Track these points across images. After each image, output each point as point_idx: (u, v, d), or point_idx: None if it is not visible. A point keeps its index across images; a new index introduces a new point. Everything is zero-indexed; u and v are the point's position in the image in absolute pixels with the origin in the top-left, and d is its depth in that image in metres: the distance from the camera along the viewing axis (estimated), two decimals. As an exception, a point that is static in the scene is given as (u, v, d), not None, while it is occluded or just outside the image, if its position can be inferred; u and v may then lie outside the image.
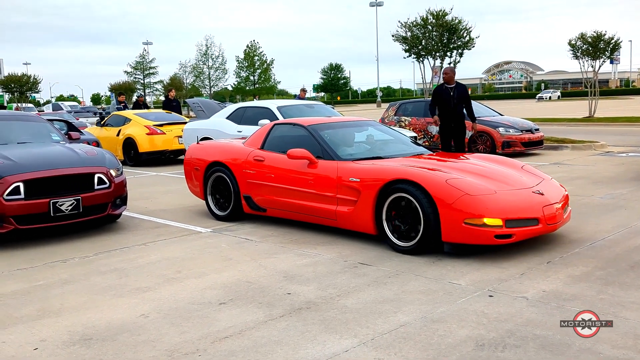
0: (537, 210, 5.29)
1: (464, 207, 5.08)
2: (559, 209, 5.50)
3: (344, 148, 6.51)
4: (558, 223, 5.50)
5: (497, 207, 5.12)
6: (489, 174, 5.77)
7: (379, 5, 70.69)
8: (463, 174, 5.59)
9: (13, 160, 6.29)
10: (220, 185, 7.33)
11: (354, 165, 6.02)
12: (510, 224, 5.11)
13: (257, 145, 7.12)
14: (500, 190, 5.38)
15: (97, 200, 6.50)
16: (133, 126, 14.22)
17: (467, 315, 3.89)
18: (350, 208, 5.87)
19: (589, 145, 14.67)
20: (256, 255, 5.59)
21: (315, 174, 6.22)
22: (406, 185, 5.37)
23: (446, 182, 5.26)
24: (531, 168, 6.32)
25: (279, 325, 3.84)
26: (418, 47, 21.85)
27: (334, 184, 6.03)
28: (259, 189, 6.84)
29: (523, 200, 5.37)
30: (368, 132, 7.31)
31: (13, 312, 4.23)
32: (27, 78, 41.82)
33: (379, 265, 5.12)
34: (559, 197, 5.68)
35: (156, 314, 4.10)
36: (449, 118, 9.52)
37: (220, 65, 65.26)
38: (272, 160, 6.76)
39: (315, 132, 6.61)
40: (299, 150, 6.31)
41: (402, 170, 5.58)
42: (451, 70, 9.61)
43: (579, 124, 24.32)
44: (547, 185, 5.82)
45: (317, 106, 12.51)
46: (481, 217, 5.04)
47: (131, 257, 5.67)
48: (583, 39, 24.67)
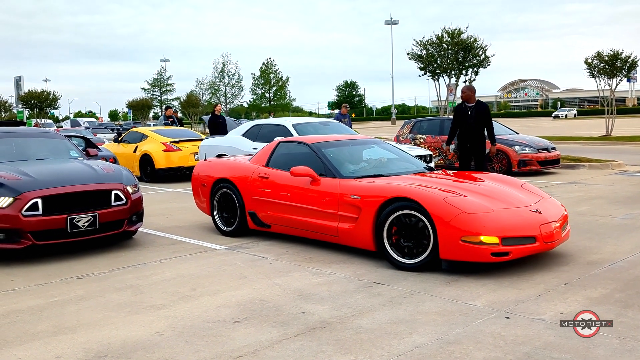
0: (534, 229, 5.34)
1: (461, 224, 5.15)
2: (556, 227, 5.53)
3: (346, 166, 6.60)
4: (556, 241, 5.52)
5: (493, 225, 5.18)
6: (487, 192, 5.82)
7: (394, 24, 71.11)
8: (462, 192, 5.64)
9: (32, 177, 6.37)
10: (226, 201, 7.46)
11: (356, 182, 6.11)
12: (507, 242, 5.17)
13: (262, 162, 7.25)
14: (497, 208, 5.44)
15: (113, 217, 6.55)
16: (150, 143, 14.35)
17: (483, 337, 3.85)
18: (352, 225, 5.95)
19: (606, 165, 14.53)
20: (271, 273, 5.58)
21: (318, 191, 6.32)
22: (405, 203, 5.46)
23: (444, 200, 5.33)
24: (531, 186, 6.35)
25: (293, 345, 3.82)
26: (433, 65, 21.91)
27: (335, 201, 6.13)
28: (263, 205, 6.95)
29: (520, 218, 5.42)
30: (372, 150, 7.41)
31: (29, 328, 4.26)
32: (46, 94, 42.52)
33: (394, 284, 5.09)
34: (557, 215, 5.71)
35: (171, 332, 4.10)
36: (465, 137, 9.29)
37: (236, 82, 65.91)
38: (277, 177, 6.87)
39: (319, 150, 6.72)
40: (302, 168, 6.41)
41: (401, 188, 5.66)
42: (468, 89, 9.36)
43: (596, 143, 24.11)
44: (546, 204, 5.85)
45: (332, 124, 12.56)
46: (478, 235, 5.10)
47: (146, 273, 5.69)
48: (599, 58, 24.55)
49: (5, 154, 7.37)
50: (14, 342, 4.00)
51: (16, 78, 52.09)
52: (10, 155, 7.41)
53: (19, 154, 7.49)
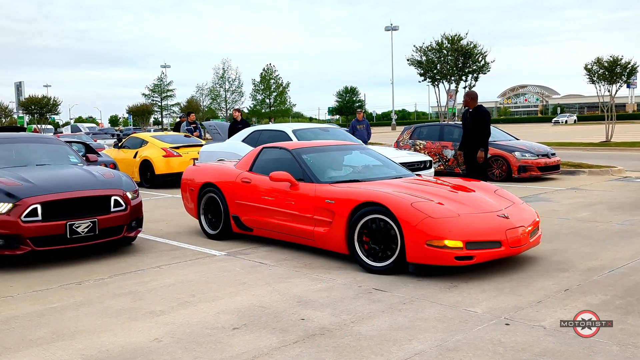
0: (500, 234, 5.43)
1: (427, 229, 5.28)
2: (524, 232, 5.61)
3: (324, 171, 6.75)
4: (522, 246, 5.61)
5: (458, 230, 5.29)
6: (458, 198, 5.92)
7: (394, 30, 71.27)
8: (432, 198, 5.77)
9: (31, 182, 6.37)
10: (212, 205, 7.66)
11: (331, 187, 6.27)
12: (471, 246, 5.27)
13: (246, 167, 7.45)
14: (464, 213, 5.54)
15: (113, 223, 6.55)
16: (150, 148, 14.36)
17: (483, 344, 3.83)
18: (326, 229, 6.10)
19: (607, 170, 14.52)
20: (270, 279, 5.57)
21: (296, 195, 6.49)
22: (376, 207, 5.60)
23: (411, 205, 5.47)
24: (504, 192, 6.46)
25: (292, 351, 3.81)
26: (433, 71, 21.94)
27: (312, 206, 6.29)
28: (246, 209, 7.15)
29: (486, 223, 5.52)
30: (353, 156, 7.59)
31: (28, 335, 4.24)
32: (47, 100, 42.54)
33: (393, 291, 5.07)
34: (526, 221, 5.80)
35: (170, 339, 4.09)
36: (464, 143, 9.48)
37: (236, 88, 65.87)
38: (258, 182, 7.06)
39: (299, 156, 6.90)
40: (281, 173, 6.58)
41: (372, 193, 5.80)
42: (466, 95, 9.48)
43: (596, 149, 24.13)
44: (516, 210, 5.94)
45: (332, 129, 12.56)
46: (442, 239, 5.23)
47: (146, 279, 5.68)
48: (599, 64, 24.60)
49: (5, 160, 7.37)
50: (12, 348, 3.99)
51: (17, 83, 52.16)
52: (10, 161, 7.42)
53: (19, 159, 7.49)
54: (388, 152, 10.92)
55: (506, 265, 5.83)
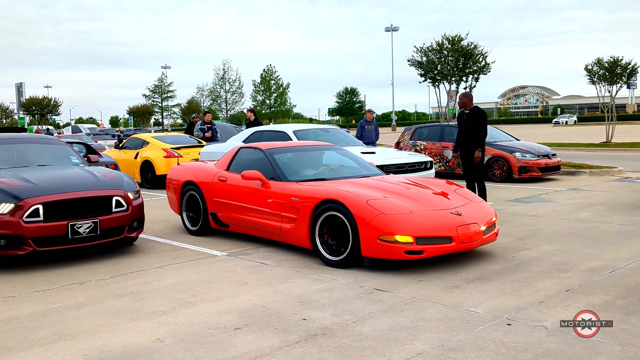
0: (451, 230, 5.69)
1: (380, 225, 5.57)
2: (476, 229, 5.86)
3: (293, 170, 7.06)
4: (474, 242, 5.86)
5: (409, 226, 5.57)
6: (415, 196, 6.20)
7: (394, 31, 71.25)
8: (389, 195, 6.07)
9: (33, 183, 6.37)
10: (192, 202, 8.04)
11: (297, 186, 6.58)
12: (421, 241, 5.55)
13: (224, 166, 7.80)
14: (417, 210, 5.82)
15: (114, 223, 6.55)
16: (151, 149, 14.36)
17: (485, 344, 3.84)
18: (292, 225, 6.42)
19: (607, 171, 14.53)
20: (272, 279, 5.58)
21: (267, 193, 6.80)
22: (334, 205, 5.90)
23: (366, 203, 5.76)
24: (464, 191, 6.73)
25: (294, 351, 3.81)
26: (434, 72, 21.94)
27: (280, 203, 6.60)
28: (222, 206, 7.48)
29: (438, 220, 5.78)
30: (326, 156, 7.89)
31: (30, 335, 4.25)
32: (47, 101, 42.59)
33: (394, 291, 5.08)
34: (480, 218, 6.04)
35: (171, 339, 4.09)
36: (461, 144, 9.39)
37: (237, 89, 65.99)
38: (233, 180, 7.39)
39: (271, 156, 7.23)
40: (252, 172, 6.92)
41: (332, 191, 6.11)
42: (463, 96, 9.37)
43: (597, 149, 24.13)
44: (471, 208, 6.19)
45: (333, 130, 12.57)
46: (393, 235, 5.51)
47: (147, 280, 5.68)
48: (600, 64, 24.61)
49: (7, 160, 7.38)
50: (14, 348, 3.99)
51: (17, 84, 52.21)
52: (12, 161, 7.42)
53: (20, 160, 7.49)
54: (389, 153, 10.93)
55: (507, 266, 5.83)
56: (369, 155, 10.07)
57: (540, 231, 7.58)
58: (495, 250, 6.55)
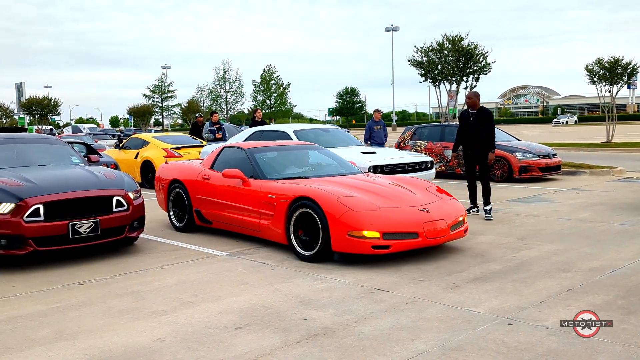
0: (417, 226, 5.92)
1: (348, 221, 5.81)
2: (443, 225, 6.08)
3: (272, 169, 7.30)
4: (440, 238, 6.07)
5: (376, 222, 5.80)
6: (385, 193, 6.44)
7: (394, 31, 71.21)
8: (362, 193, 6.31)
9: (34, 183, 6.37)
10: (178, 200, 8.29)
11: (275, 184, 6.83)
12: (388, 236, 5.78)
13: (208, 165, 8.06)
14: (386, 207, 6.06)
15: (115, 223, 6.55)
16: (151, 149, 14.36)
17: (486, 344, 3.83)
18: (269, 221, 6.67)
19: (608, 171, 14.53)
20: (272, 279, 5.57)
21: (247, 191, 7.04)
22: (307, 202, 6.14)
23: (337, 200, 5.99)
24: (436, 190, 6.90)
25: (295, 351, 3.81)
26: (434, 72, 21.94)
27: (259, 200, 6.84)
28: (205, 203, 7.74)
29: (405, 216, 6.00)
30: (307, 156, 8.13)
31: (30, 334, 4.25)
32: (48, 101, 42.59)
33: (395, 291, 5.08)
34: (448, 215, 6.26)
35: (172, 338, 4.09)
36: (467, 144, 9.09)
37: (237, 89, 65.95)
38: (216, 179, 7.64)
39: (251, 155, 7.48)
40: (233, 170, 7.16)
41: (305, 189, 6.36)
42: (474, 95, 9.06)
43: (597, 149, 24.12)
44: (439, 205, 6.39)
45: (333, 130, 12.57)
46: (361, 230, 5.75)
47: (148, 279, 5.68)
48: (600, 64, 24.62)
49: (7, 160, 7.38)
50: (15, 348, 3.99)
51: (18, 84, 52.20)
52: (12, 161, 7.42)
53: (21, 160, 7.49)
54: (389, 153, 10.93)
55: (508, 266, 5.83)
56: (369, 155, 10.08)
57: (541, 231, 7.58)
58: (495, 250, 6.55)
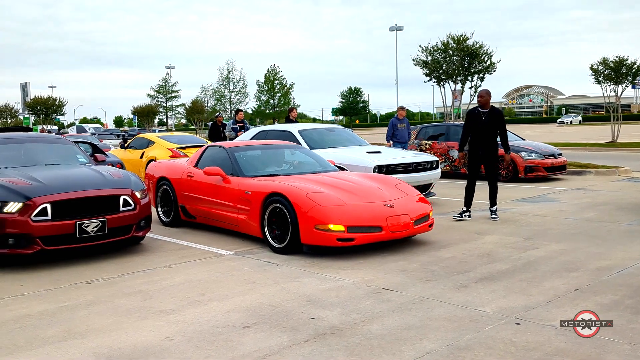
0: (381, 220, 6.29)
1: (316, 215, 6.19)
2: (406, 220, 6.45)
3: (250, 167, 7.71)
4: (404, 231, 6.44)
5: (342, 216, 6.18)
6: (353, 189, 6.81)
7: (398, 30, 71.14)
8: (329, 189, 6.70)
9: (41, 182, 6.39)
10: (165, 196, 8.76)
11: (251, 181, 7.23)
12: (352, 229, 6.15)
13: (193, 163, 8.50)
14: (351, 202, 6.44)
15: (122, 222, 6.57)
16: (156, 149, 14.40)
17: (494, 344, 3.83)
18: (246, 216, 7.06)
19: (613, 171, 14.49)
20: (279, 278, 5.58)
21: (227, 188, 7.42)
22: (278, 197, 6.55)
23: (306, 196, 6.39)
24: (404, 186, 7.27)
25: (303, 350, 3.82)
26: (439, 72, 21.92)
27: (237, 197, 7.22)
28: (190, 200, 8.18)
29: (369, 211, 6.37)
30: (286, 154, 8.57)
31: (40, 333, 4.26)
32: (52, 101, 42.69)
33: (402, 291, 5.08)
34: (413, 211, 6.64)
35: (181, 337, 4.10)
36: (477, 144, 8.76)
37: (241, 89, 65.95)
38: (199, 176, 8.05)
39: (231, 154, 7.88)
40: (213, 168, 7.57)
41: (277, 185, 6.77)
42: (487, 94, 8.77)
43: (602, 149, 24.06)
44: (405, 201, 6.78)
45: (338, 129, 12.57)
46: (327, 224, 6.12)
47: (155, 279, 5.70)
48: (605, 64, 24.56)
49: (14, 160, 7.40)
50: (25, 346, 4.01)
51: (22, 84, 52.37)
52: (19, 160, 7.44)
53: (28, 159, 7.51)
54: (395, 153, 10.92)
55: (515, 266, 5.83)
56: (374, 155, 10.07)
57: (547, 231, 7.57)
58: (502, 250, 6.54)
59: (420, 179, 10.07)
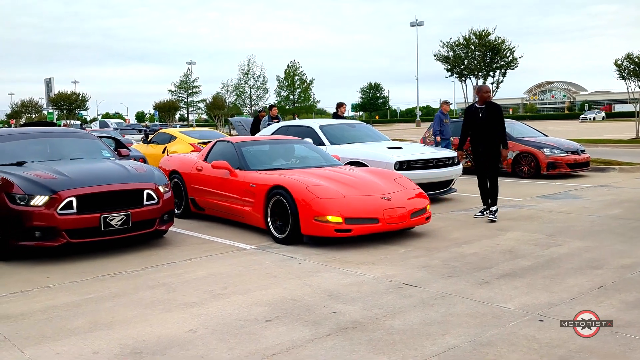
0: (378, 212, 6.55)
1: (315, 207, 6.46)
2: (402, 212, 6.69)
3: (256, 161, 8.03)
4: (400, 223, 6.69)
5: (340, 208, 6.44)
6: (353, 183, 7.05)
7: (419, 25, 70.71)
8: (330, 183, 6.95)
9: (66, 176, 6.49)
10: (177, 189, 8.98)
11: (256, 174, 7.52)
12: (350, 221, 6.42)
13: (202, 157, 8.81)
14: (350, 195, 6.69)
15: (145, 216, 6.65)
16: (178, 144, 14.52)
17: (517, 340, 3.82)
18: (251, 208, 7.37)
19: (637, 168, 14.27)
20: (300, 273, 5.61)
21: (234, 181, 7.74)
22: (280, 190, 6.83)
23: (306, 189, 6.66)
24: (404, 180, 7.45)
25: (325, 344, 3.84)
26: (460, 67, 21.77)
27: (242, 189, 7.53)
28: (199, 192, 8.54)
29: (367, 203, 6.63)
30: (293, 149, 8.84)
31: (66, 324, 4.35)
32: (76, 96, 43.25)
33: (424, 286, 5.07)
34: (410, 204, 6.88)
35: (204, 330, 4.15)
36: (476, 141, 8.55)
37: (261, 84, 66.04)
38: (207, 170, 8.38)
39: (238, 148, 8.22)
40: (221, 162, 7.91)
41: (280, 178, 7.05)
42: (479, 89, 8.59)
43: (626, 146, 23.67)
44: (402, 194, 6.99)
45: (359, 125, 12.56)
46: (325, 215, 6.39)
47: (178, 272, 5.76)
48: (630, 59, 24.16)
49: (41, 154, 7.53)
50: (52, 337, 4.09)
51: (47, 80, 53.13)
52: (45, 155, 7.56)
53: (54, 153, 7.63)
54: (416, 149, 10.89)
55: (537, 262, 5.79)
56: (396, 150, 10.05)
57: (570, 228, 7.49)
58: (524, 246, 6.50)
59: (442, 174, 10.04)
